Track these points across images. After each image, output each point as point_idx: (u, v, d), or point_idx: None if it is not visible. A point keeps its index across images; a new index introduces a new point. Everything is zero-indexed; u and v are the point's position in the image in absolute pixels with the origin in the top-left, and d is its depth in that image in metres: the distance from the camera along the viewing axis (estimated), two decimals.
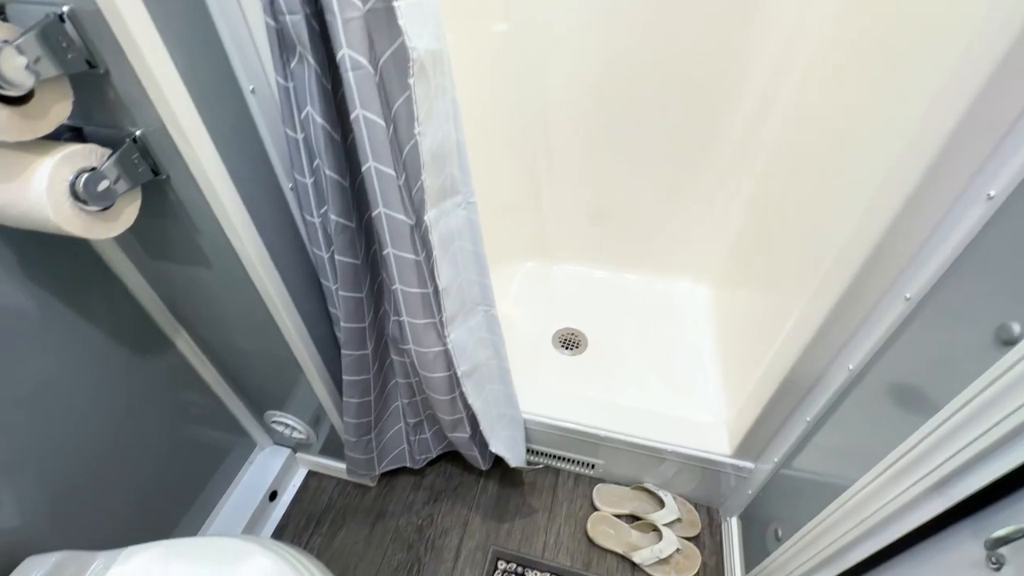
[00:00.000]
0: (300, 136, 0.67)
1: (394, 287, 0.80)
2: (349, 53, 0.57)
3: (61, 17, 0.49)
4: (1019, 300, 0.46)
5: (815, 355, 0.80)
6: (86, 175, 0.53)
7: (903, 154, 0.59)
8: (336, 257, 0.75)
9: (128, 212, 0.61)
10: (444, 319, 0.87)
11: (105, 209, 0.57)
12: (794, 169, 1.09)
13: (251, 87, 0.65)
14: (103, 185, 0.55)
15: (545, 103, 1.28)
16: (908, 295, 0.61)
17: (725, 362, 1.35)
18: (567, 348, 1.44)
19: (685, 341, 1.45)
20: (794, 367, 0.84)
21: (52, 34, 0.48)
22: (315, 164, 0.68)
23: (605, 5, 1.09)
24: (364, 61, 0.58)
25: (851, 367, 0.72)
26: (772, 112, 1.15)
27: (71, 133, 0.61)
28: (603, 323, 1.51)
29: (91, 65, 0.52)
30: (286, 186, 0.76)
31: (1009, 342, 0.46)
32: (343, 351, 0.90)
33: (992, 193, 0.50)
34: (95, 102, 0.56)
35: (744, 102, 1.17)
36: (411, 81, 0.63)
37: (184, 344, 0.95)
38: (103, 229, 0.58)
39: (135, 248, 0.78)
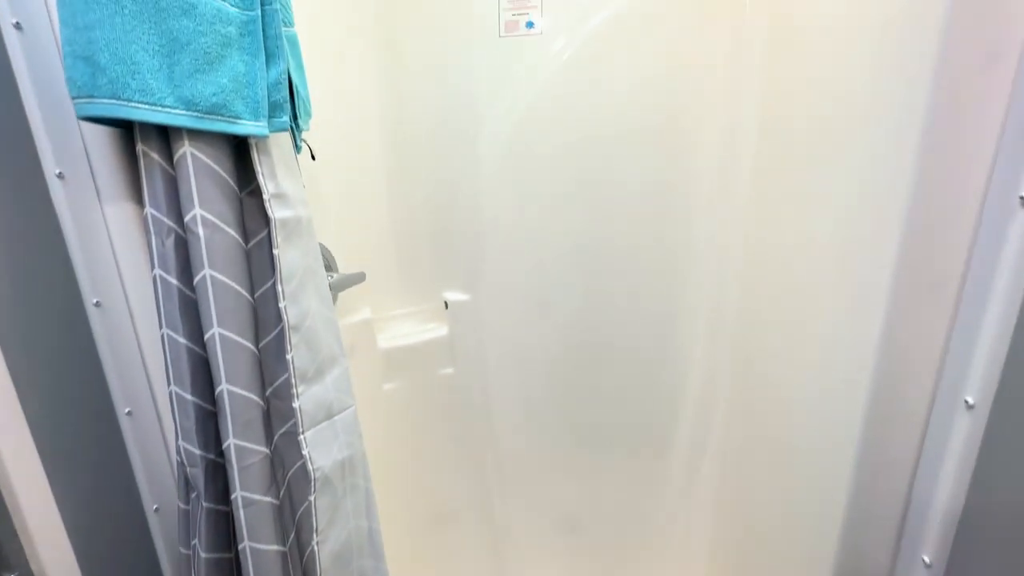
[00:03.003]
0: (191, 553, 0.65)
1: None
2: (242, 494, 0.60)
3: None
4: None
5: None
6: None
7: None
8: None
9: None
10: None
11: None
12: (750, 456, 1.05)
13: (155, 506, 0.66)
14: None
15: (491, 413, 1.33)
16: None
17: None
18: None
19: None
20: None
21: None
22: None
23: (538, 340, 1.25)
24: (257, 497, 0.61)
25: None
26: (718, 398, 1.19)
27: None
28: None
29: None
30: None
31: None
32: None
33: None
34: None
35: (690, 388, 1.22)
36: (312, 498, 0.65)
37: None
38: None
39: None
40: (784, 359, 1.01)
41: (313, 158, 0.75)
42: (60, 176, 0.53)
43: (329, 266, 1.00)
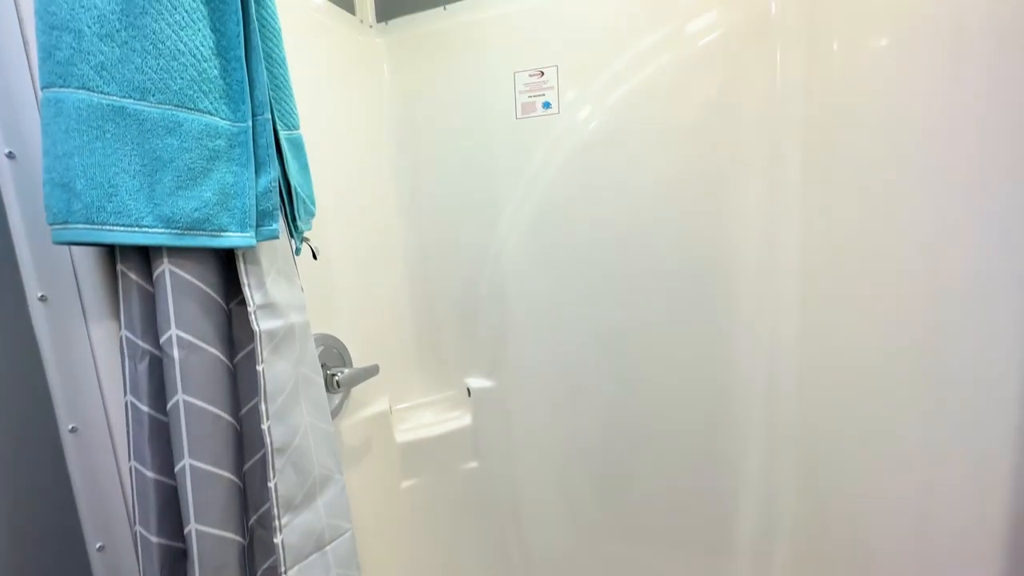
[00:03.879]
0: None
1: None
2: None
3: None
4: None
5: None
6: None
7: None
8: None
9: None
10: None
11: None
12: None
13: None
14: None
15: (519, 510, 1.19)
16: None
17: None
18: None
19: None
20: None
21: None
22: None
23: (571, 428, 1.13)
24: None
25: None
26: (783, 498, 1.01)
27: None
28: None
29: None
30: None
31: None
32: None
33: None
34: None
35: (749, 481, 1.05)
36: None
37: None
38: None
39: None
40: (860, 462, 0.86)
41: (315, 257, 0.72)
42: (43, 299, 0.52)
43: (342, 359, 0.95)
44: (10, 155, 0.50)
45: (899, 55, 0.79)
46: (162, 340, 0.50)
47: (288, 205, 0.65)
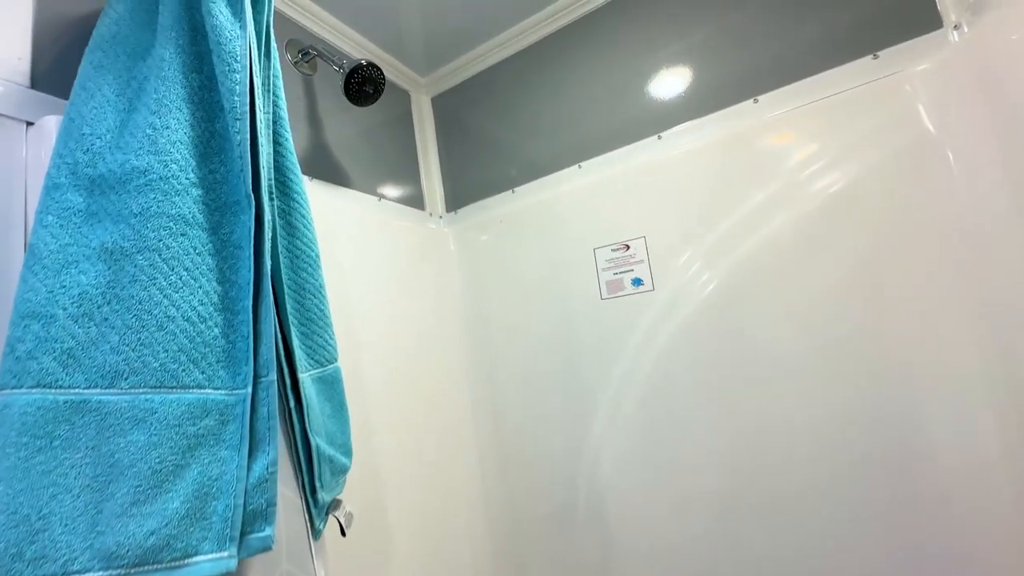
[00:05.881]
0: None
1: None
2: None
3: None
4: None
5: None
6: None
7: None
8: None
9: None
10: None
11: None
12: None
13: None
14: None
15: None
16: None
17: None
18: None
19: None
20: None
21: None
22: None
23: None
24: None
25: None
26: None
27: None
28: None
29: None
30: None
31: None
32: None
33: None
34: None
35: None
36: None
37: None
38: None
39: None
40: None
41: (343, 534, 0.54)
42: None
43: None
44: None
45: None
46: None
47: (306, 472, 0.50)
